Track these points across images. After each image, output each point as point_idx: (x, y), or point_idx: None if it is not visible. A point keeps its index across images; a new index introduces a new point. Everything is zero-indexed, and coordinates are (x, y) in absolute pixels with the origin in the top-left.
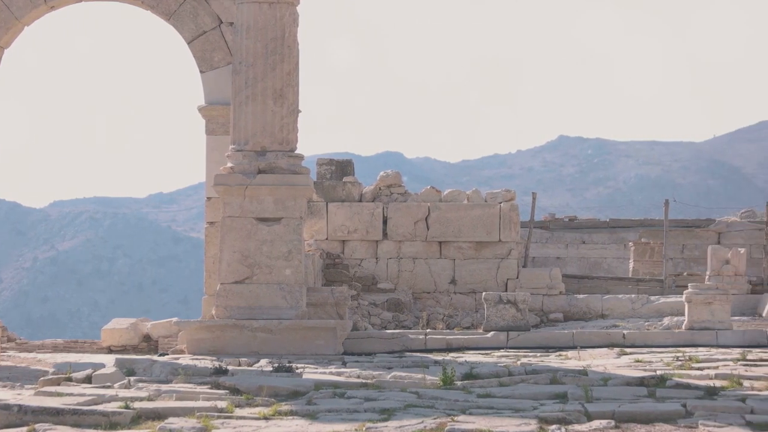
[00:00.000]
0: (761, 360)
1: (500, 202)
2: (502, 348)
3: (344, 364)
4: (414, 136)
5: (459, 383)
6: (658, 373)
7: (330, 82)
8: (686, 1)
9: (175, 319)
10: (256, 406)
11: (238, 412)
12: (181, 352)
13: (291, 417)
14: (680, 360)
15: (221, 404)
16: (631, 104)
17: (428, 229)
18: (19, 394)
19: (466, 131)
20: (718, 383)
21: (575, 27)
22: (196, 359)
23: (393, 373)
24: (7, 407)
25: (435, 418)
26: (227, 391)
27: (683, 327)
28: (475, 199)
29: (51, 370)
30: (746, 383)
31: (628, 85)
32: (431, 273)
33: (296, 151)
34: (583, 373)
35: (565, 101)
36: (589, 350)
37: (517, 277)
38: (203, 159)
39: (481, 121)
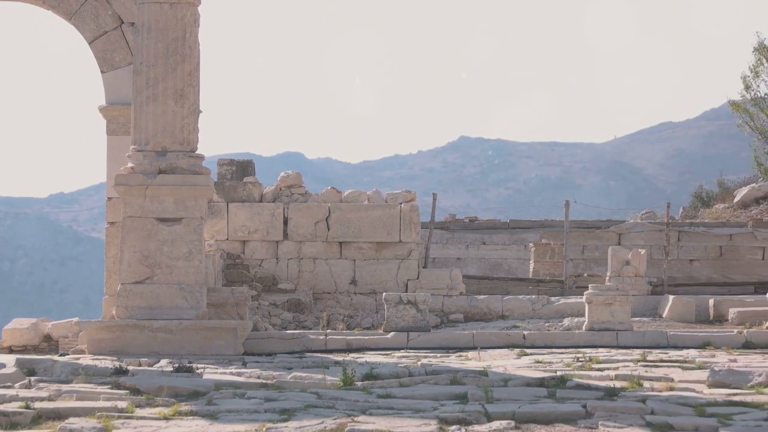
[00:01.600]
0: (661, 361)
1: (401, 203)
2: (403, 348)
3: (244, 365)
4: (315, 137)
5: (359, 384)
6: (559, 373)
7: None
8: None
9: (76, 320)
10: (157, 406)
11: (139, 412)
12: (82, 352)
13: (191, 417)
14: (580, 361)
15: (122, 404)
16: (531, 105)
17: (329, 230)
18: None
19: (367, 132)
20: (618, 384)
21: (476, 29)
22: (97, 359)
23: (293, 374)
24: None
25: (335, 419)
26: (128, 391)
27: (583, 328)
28: (376, 199)
29: None
30: (646, 384)
31: (529, 87)
32: (332, 273)
33: (197, 152)
34: (484, 373)
35: (465, 102)
36: (490, 351)
37: (418, 278)
38: (104, 159)
39: (382, 122)
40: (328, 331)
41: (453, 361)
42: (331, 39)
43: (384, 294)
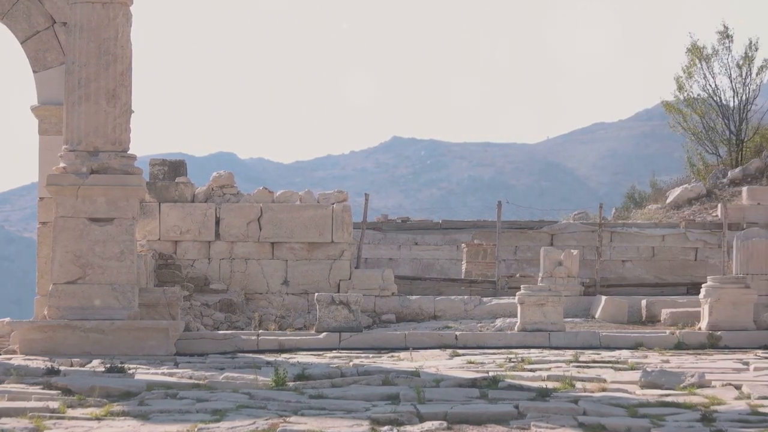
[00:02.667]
0: (594, 361)
1: (333, 203)
2: (335, 349)
3: (176, 365)
4: (247, 137)
5: (291, 384)
6: (491, 374)
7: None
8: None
9: (7, 320)
10: (89, 406)
11: (71, 412)
12: (14, 352)
13: (123, 417)
14: (513, 361)
15: (53, 405)
16: (464, 106)
17: (261, 230)
18: None
19: (300, 132)
20: (550, 385)
21: (409, 29)
22: (29, 359)
23: (225, 374)
24: None
25: (267, 419)
26: (59, 391)
27: (516, 328)
28: (308, 200)
29: None
30: (579, 385)
31: (462, 87)
32: (264, 274)
33: (129, 152)
34: (416, 374)
35: (398, 102)
36: (422, 351)
37: (350, 278)
38: (36, 159)
39: (314, 122)
40: (260, 331)
41: (385, 361)
42: (262, 38)
43: (316, 294)
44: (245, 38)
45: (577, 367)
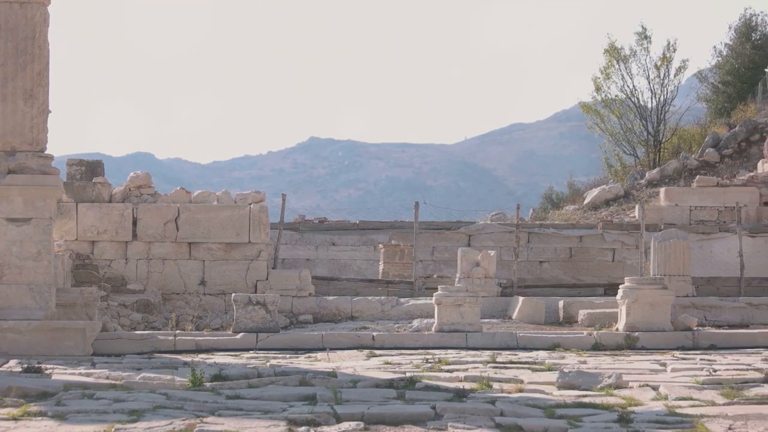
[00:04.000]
0: (511, 362)
1: (250, 204)
2: (252, 349)
3: (93, 365)
4: (165, 137)
5: (208, 384)
6: (408, 375)
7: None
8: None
9: None
10: (5, 406)
11: None
12: None
13: (40, 418)
14: (430, 362)
15: None
16: (382, 107)
17: (178, 230)
18: None
19: (217, 132)
20: (467, 385)
21: (325, 28)
22: None
23: (142, 374)
24: None
25: (184, 420)
26: None
27: (433, 329)
28: (225, 200)
29: None
30: (496, 385)
31: (379, 87)
32: (181, 274)
33: (46, 152)
34: (333, 374)
35: (315, 103)
36: (339, 352)
37: (267, 279)
38: None
39: (232, 123)
40: (177, 331)
41: (302, 362)
42: (178, 38)
43: (233, 295)
44: (162, 38)
45: (495, 367)
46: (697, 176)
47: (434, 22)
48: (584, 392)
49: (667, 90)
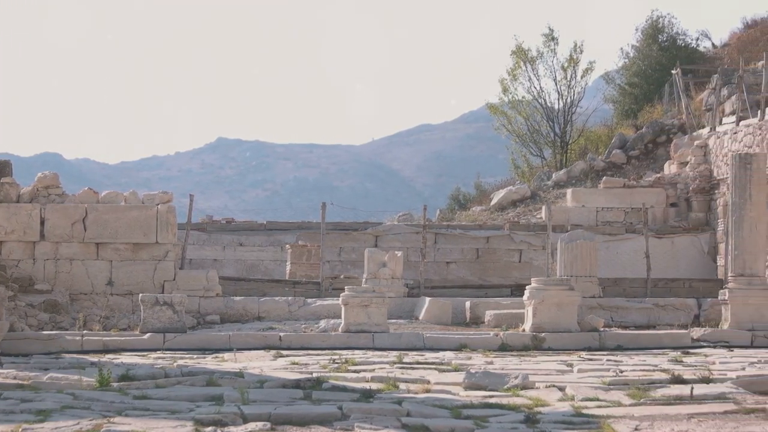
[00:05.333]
0: (418, 363)
1: (157, 204)
2: (159, 350)
3: (1, 365)
4: (73, 138)
5: (115, 385)
6: (315, 375)
7: None
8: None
9: None
10: None
11: None
12: None
13: None
14: (336, 362)
15: None
16: (289, 107)
17: (86, 231)
18: None
19: (125, 133)
20: (374, 386)
21: (233, 29)
22: None
23: (49, 374)
24: None
25: (91, 420)
26: None
27: (340, 330)
28: (133, 200)
29: None
30: (402, 386)
31: (287, 88)
32: (88, 274)
33: None
34: (240, 375)
35: (223, 103)
36: (246, 352)
37: (174, 279)
38: None
39: (140, 123)
40: (85, 332)
41: (209, 362)
42: (85, 38)
43: (140, 295)
44: (68, 38)
45: (401, 368)
46: (604, 177)
47: (343, 23)
48: (491, 393)
49: (574, 91)
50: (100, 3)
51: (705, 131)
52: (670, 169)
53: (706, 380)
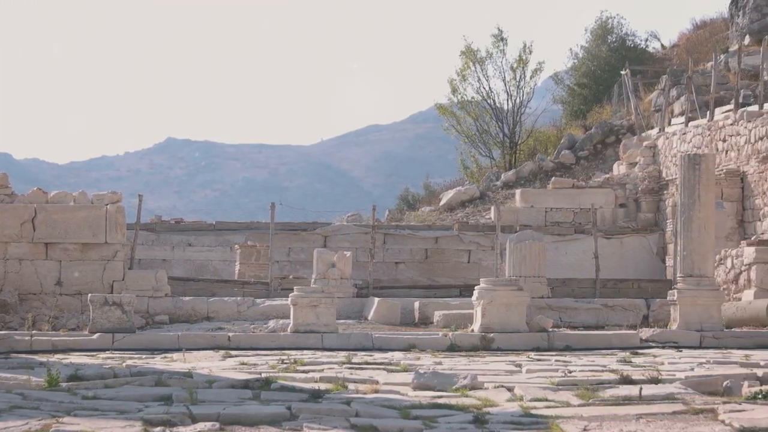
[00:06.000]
0: (366, 363)
1: (107, 204)
2: (108, 350)
3: None
4: (22, 137)
5: (64, 385)
6: (264, 375)
7: None
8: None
9: None
10: None
11: None
12: None
13: None
14: (285, 363)
15: None
16: (239, 107)
17: (35, 231)
18: None
19: (75, 133)
20: (323, 386)
21: (182, 28)
22: None
23: None
24: None
25: (40, 420)
26: None
27: (289, 330)
28: (82, 200)
29: None
30: (351, 386)
31: (236, 87)
32: (38, 274)
33: None
34: (189, 375)
35: (172, 103)
36: (195, 352)
37: (123, 279)
38: None
39: (89, 123)
40: (34, 332)
41: (158, 362)
42: (33, 37)
43: (89, 295)
44: (14, 37)
45: (350, 368)
46: (553, 178)
47: (291, 23)
48: (439, 393)
49: (523, 92)
50: (45, 3)
51: (654, 132)
52: (619, 169)
53: (655, 381)
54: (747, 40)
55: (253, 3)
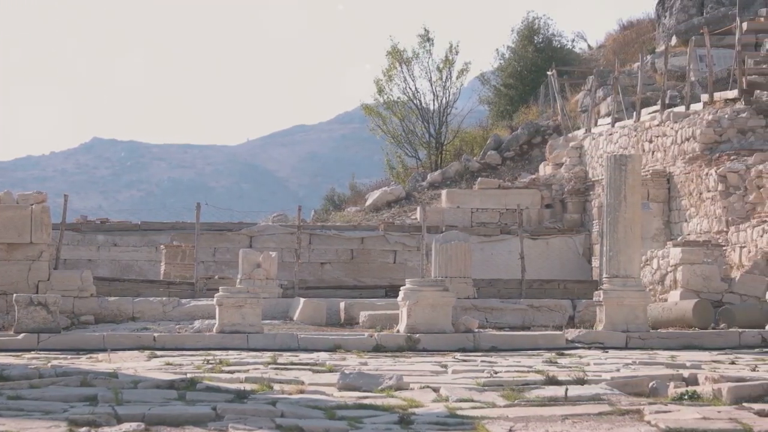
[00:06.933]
0: (292, 364)
1: (32, 204)
2: (33, 350)
3: None
4: None
5: None
6: (189, 376)
7: None
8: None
9: None
10: None
11: None
12: None
13: None
14: (211, 363)
15: None
16: (164, 107)
17: None
18: None
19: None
20: (248, 386)
21: (108, 28)
22: None
23: None
24: None
25: None
26: None
27: (214, 330)
28: (7, 200)
29: None
30: (277, 387)
31: (161, 87)
32: None
33: None
34: (114, 375)
35: (98, 103)
36: (120, 353)
37: (49, 279)
38: None
39: (14, 123)
40: None
41: (84, 362)
42: None
43: (15, 295)
44: None
45: (276, 369)
46: (479, 178)
47: (215, 22)
48: (365, 394)
49: (449, 92)
50: None
51: (580, 132)
52: (545, 170)
53: (581, 381)
54: (674, 41)
55: (176, 2)
